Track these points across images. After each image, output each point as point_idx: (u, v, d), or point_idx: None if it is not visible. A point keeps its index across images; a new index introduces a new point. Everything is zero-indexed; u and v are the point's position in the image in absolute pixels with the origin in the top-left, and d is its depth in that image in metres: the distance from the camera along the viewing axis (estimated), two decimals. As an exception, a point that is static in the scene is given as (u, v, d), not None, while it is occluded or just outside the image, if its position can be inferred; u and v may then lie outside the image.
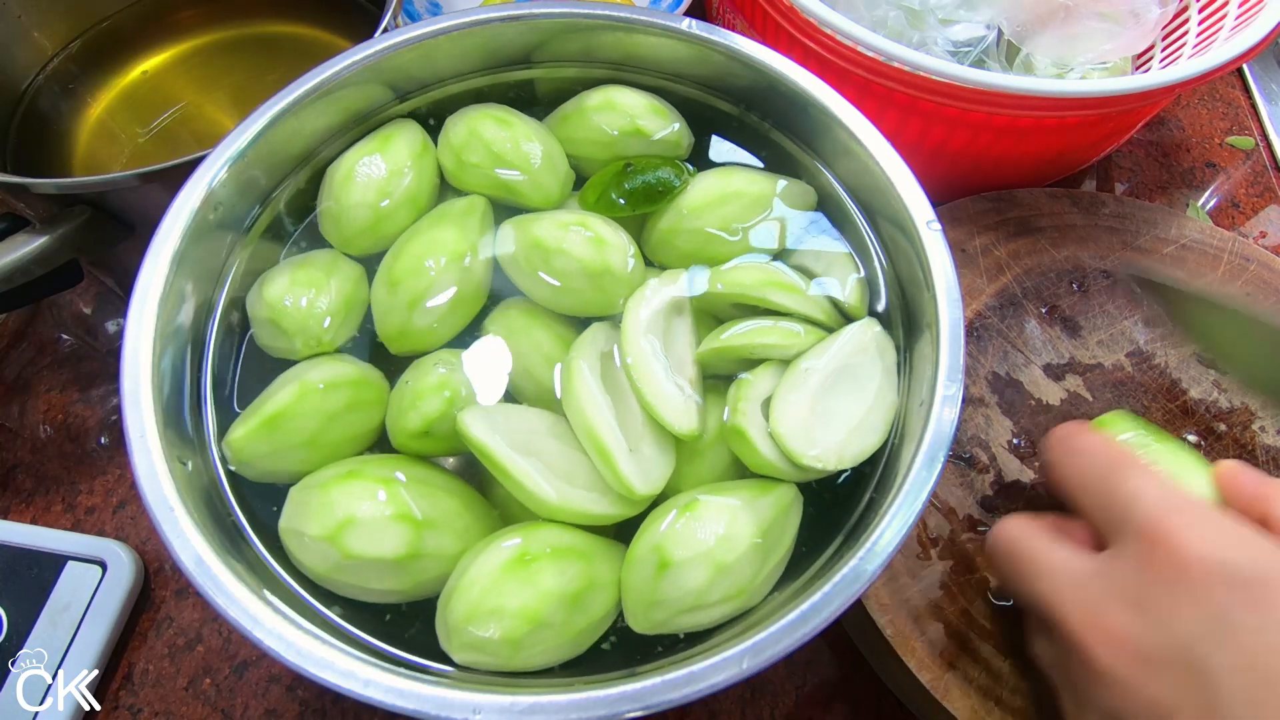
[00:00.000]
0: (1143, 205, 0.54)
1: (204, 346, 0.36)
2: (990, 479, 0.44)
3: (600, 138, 0.41)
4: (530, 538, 0.31)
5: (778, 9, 0.49)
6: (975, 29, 0.57)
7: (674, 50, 0.41)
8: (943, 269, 0.34)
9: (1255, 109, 0.71)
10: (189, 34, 0.60)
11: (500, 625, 0.29)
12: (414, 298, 0.36)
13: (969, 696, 0.37)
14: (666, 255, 0.40)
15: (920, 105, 0.49)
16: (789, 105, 0.40)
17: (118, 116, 0.56)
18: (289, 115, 0.37)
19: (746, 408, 0.33)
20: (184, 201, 0.34)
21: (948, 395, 0.31)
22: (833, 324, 0.37)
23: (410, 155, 0.40)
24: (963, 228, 0.52)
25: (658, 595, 0.30)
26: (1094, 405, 0.46)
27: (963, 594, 0.40)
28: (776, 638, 0.27)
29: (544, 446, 0.33)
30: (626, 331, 0.35)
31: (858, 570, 0.28)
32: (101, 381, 0.55)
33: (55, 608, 0.44)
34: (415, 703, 0.26)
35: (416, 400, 0.34)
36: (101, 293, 0.58)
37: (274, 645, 0.27)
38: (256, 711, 0.44)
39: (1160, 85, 0.46)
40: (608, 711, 0.26)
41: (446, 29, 0.40)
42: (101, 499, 0.50)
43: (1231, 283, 0.50)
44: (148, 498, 0.29)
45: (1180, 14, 0.59)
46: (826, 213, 0.41)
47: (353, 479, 0.32)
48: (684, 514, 0.31)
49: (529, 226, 0.38)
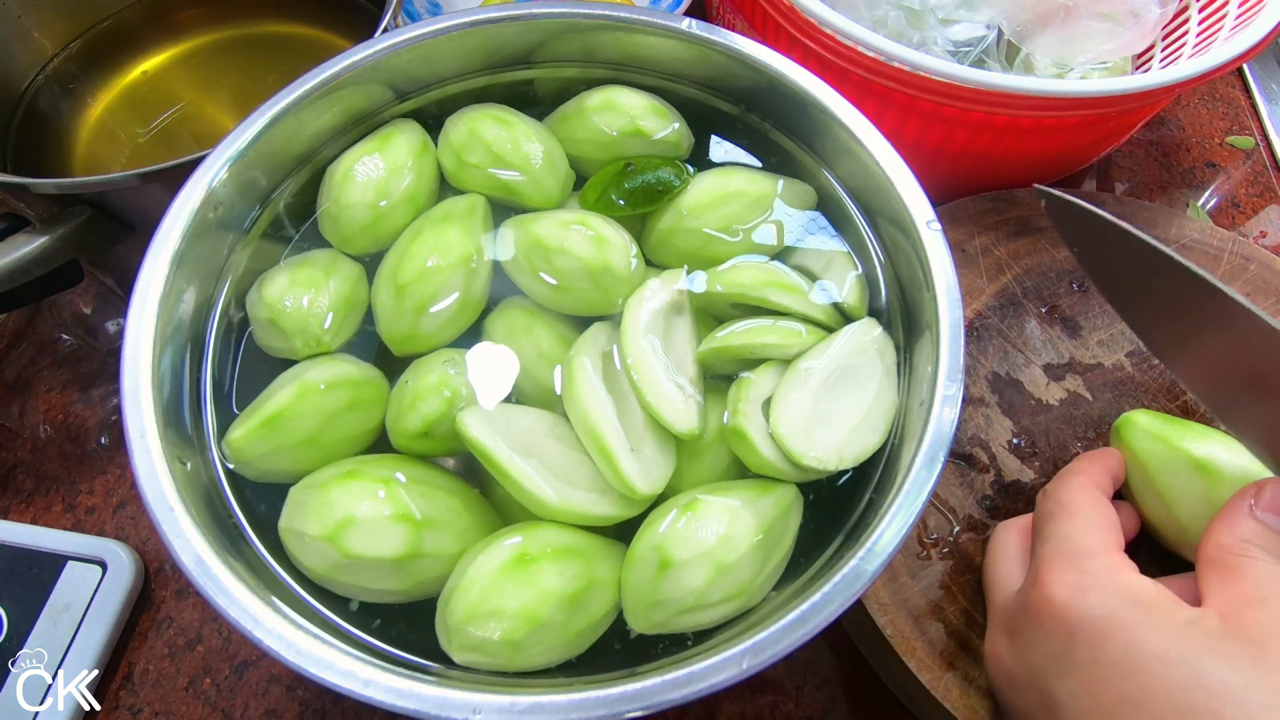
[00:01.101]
0: (1143, 205, 0.54)
1: (204, 346, 0.36)
2: (990, 479, 0.44)
3: (600, 138, 0.41)
4: (530, 537, 0.31)
5: (778, 9, 0.49)
6: (975, 29, 0.57)
7: (674, 50, 0.41)
8: (943, 269, 0.34)
9: (1255, 109, 0.71)
10: (189, 34, 0.60)
11: (500, 626, 0.29)
12: (421, 303, 0.36)
13: (969, 696, 0.37)
14: (666, 255, 0.40)
15: (920, 105, 0.49)
16: (789, 105, 0.40)
17: (118, 116, 0.56)
18: (289, 115, 0.37)
19: (747, 408, 0.33)
20: (184, 201, 0.34)
21: (948, 395, 0.31)
22: (833, 324, 0.37)
23: (410, 155, 0.40)
24: (963, 228, 0.52)
25: (658, 595, 0.30)
26: (1094, 405, 0.46)
27: (963, 594, 0.40)
28: (776, 638, 0.27)
29: (544, 447, 0.33)
30: (626, 331, 0.35)
31: (858, 570, 0.28)
32: (101, 381, 0.55)
33: (55, 608, 0.44)
34: (415, 703, 0.26)
35: (416, 401, 0.34)
36: (101, 293, 0.58)
37: (274, 645, 0.27)
38: (256, 711, 0.44)
39: (1160, 85, 0.46)
40: (608, 711, 0.26)
41: (446, 29, 0.40)
42: (101, 499, 0.50)
43: (1231, 282, 0.50)
44: (148, 498, 0.29)
45: (1180, 14, 0.59)
46: (826, 213, 0.41)
47: (352, 479, 0.32)
48: (685, 514, 0.31)
49: (530, 226, 0.38)
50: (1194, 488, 0.37)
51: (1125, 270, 0.37)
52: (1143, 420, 0.40)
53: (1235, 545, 0.32)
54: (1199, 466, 0.37)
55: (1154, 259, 0.34)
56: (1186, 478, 0.38)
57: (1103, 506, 0.36)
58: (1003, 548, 0.39)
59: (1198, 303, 0.34)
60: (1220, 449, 0.38)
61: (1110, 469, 0.39)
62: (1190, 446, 0.38)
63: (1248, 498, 0.33)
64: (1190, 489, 0.37)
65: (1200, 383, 0.38)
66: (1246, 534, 0.32)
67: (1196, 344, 0.36)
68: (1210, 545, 0.33)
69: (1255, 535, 0.32)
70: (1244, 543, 0.32)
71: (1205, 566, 0.32)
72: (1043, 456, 0.44)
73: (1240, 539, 0.32)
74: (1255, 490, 0.33)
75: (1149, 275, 0.35)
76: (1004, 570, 0.38)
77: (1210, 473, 0.37)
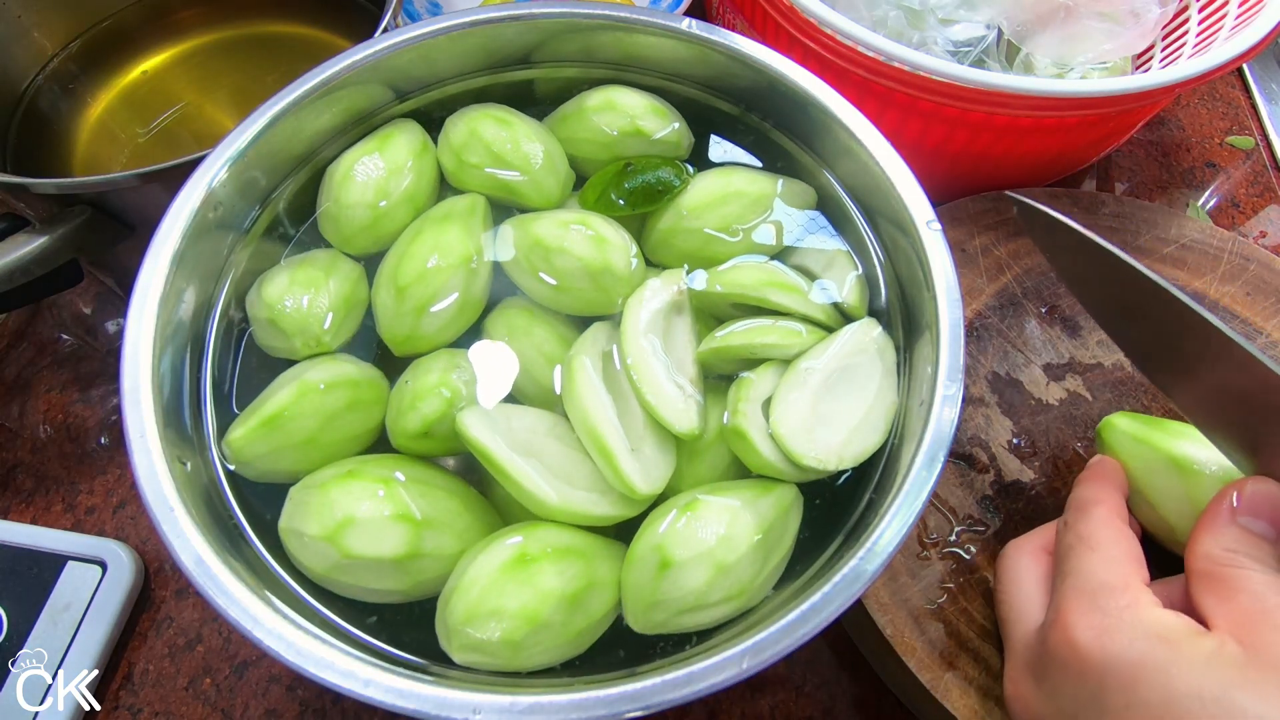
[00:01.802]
0: (1143, 205, 0.54)
1: (204, 346, 0.36)
2: (990, 479, 0.44)
3: (600, 138, 0.41)
4: (530, 537, 0.31)
5: (778, 9, 0.49)
6: (975, 29, 0.57)
7: (674, 50, 0.41)
8: (943, 269, 0.34)
9: (1255, 109, 0.71)
10: (189, 34, 0.60)
11: (500, 626, 0.29)
12: (421, 304, 0.36)
13: (969, 696, 0.37)
14: (666, 255, 0.40)
15: (920, 105, 0.49)
16: (789, 105, 0.40)
17: (118, 116, 0.56)
18: (289, 115, 0.37)
19: (747, 408, 0.33)
20: (184, 201, 0.34)
21: (948, 395, 0.31)
22: (833, 324, 0.37)
23: (410, 155, 0.40)
24: (963, 228, 0.52)
25: (658, 595, 0.30)
26: (1094, 405, 0.46)
27: (963, 594, 0.40)
28: (776, 638, 0.27)
29: (544, 447, 0.33)
30: (626, 331, 0.35)
31: (858, 570, 0.28)
32: (101, 381, 0.55)
33: (55, 608, 0.44)
34: (415, 703, 0.26)
35: (416, 401, 0.34)
36: (101, 293, 0.58)
37: (274, 645, 0.27)
38: (256, 711, 0.44)
39: (1160, 85, 0.46)
40: (608, 711, 0.26)
41: (446, 29, 0.40)
42: (101, 499, 0.50)
43: (1231, 282, 0.50)
44: (148, 498, 0.29)
45: (1180, 14, 0.59)
46: (826, 213, 0.41)
47: (352, 479, 0.32)
48: (685, 514, 0.31)
49: (529, 225, 0.38)
50: (1176, 487, 0.37)
51: (1093, 276, 0.37)
52: (1122, 423, 0.40)
53: (1222, 556, 0.32)
54: (1178, 465, 0.37)
55: (1116, 266, 0.34)
56: (1168, 478, 0.38)
57: (1124, 540, 0.34)
58: (1017, 576, 0.37)
59: (1161, 311, 0.34)
60: (1197, 447, 0.38)
61: (1122, 487, 0.38)
62: (1168, 446, 0.38)
63: (1227, 501, 0.33)
64: (1173, 489, 0.38)
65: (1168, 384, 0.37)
66: (1231, 542, 0.32)
67: (1162, 348, 0.36)
68: (1198, 557, 0.32)
69: (1240, 543, 0.32)
70: (1230, 552, 0.31)
71: (1196, 580, 0.32)
72: (1043, 456, 0.44)
73: (1225, 548, 0.32)
74: (1234, 492, 0.33)
75: (1115, 282, 0.35)
76: (1021, 601, 0.37)
77: (1189, 471, 0.37)
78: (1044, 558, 0.38)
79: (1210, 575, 0.32)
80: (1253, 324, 0.49)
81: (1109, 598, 0.32)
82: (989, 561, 0.41)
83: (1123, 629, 0.31)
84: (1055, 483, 0.44)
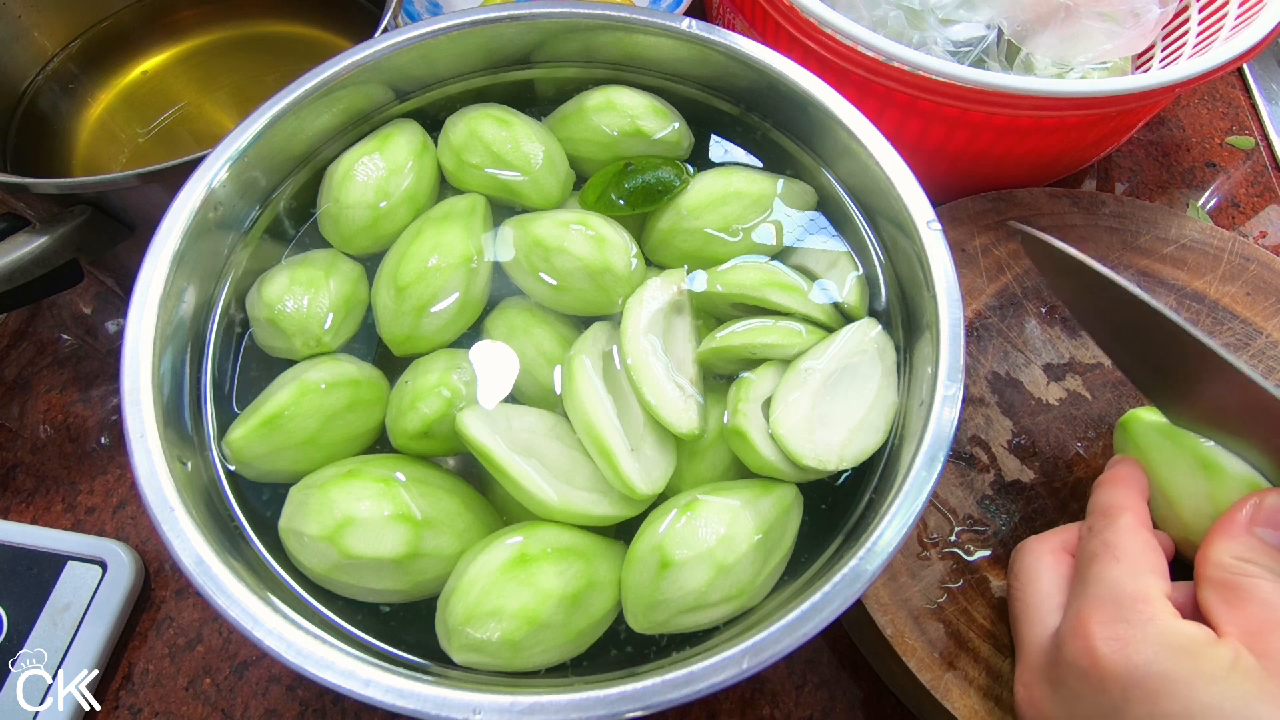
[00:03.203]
0: (1143, 205, 0.54)
1: (204, 346, 0.36)
2: (990, 479, 0.44)
3: (600, 138, 0.41)
4: (530, 537, 0.31)
5: (778, 9, 0.49)
6: (975, 29, 0.57)
7: (674, 50, 0.41)
8: (943, 269, 0.34)
9: (1255, 109, 0.71)
10: (189, 34, 0.60)
11: (500, 626, 0.29)
12: (421, 304, 0.36)
13: (969, 696, 0.37)
14: (666, 255, 0.40)
15: (920, 105, 0.49)
16: (789, 105, 0.40)
17: (118, 116, 0.56)
18: (289, 115, 0.37)
19: (747, 408, 0.33)
20: (184, 201, 0.34)
21: (948, 395, 0.31)
22: (833, 324, 0.37)
23: (410, 155, 0.40)
24: (963, 228, 0.52)
25: (658, 595, 0.30)
26: (1094, 405, 0.46)
27: (963, 594, 0.40)
28: (776, 638, 0.27)
29: (544, 447, 0.33)
30: (626, 331, 0.35)
31: (858, 570, 0.28)
32: (101, 381, 0.55)
33: (55, 608, 0.44)
34: (415, 703, 0.26)
35: (416, 401, 0.34)
36: (101, 293, 0.58)
37: (274, 645, 0.27)
38: (256, 711, 0.44)
39: (1160, 85, 0.46)
40: (608, 711, 0.26)
41: (446, 29, 0.40)
42: (101, 499, 0.50)
43: (1232, 282, 0.50)
44: (148, 498, 0.29)
45: (1180, 14, 0.59)
46: (826, 213, 0.41)
47: (352, 479, 0.32)
48: (685, 514, 0.31)
49: (530, 225, 0.38)
50: (1199, 487, 0.37)
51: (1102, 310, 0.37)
52: (1149, 417, 0.40)
53: (1234, 565, 0.32)
54: (1205, 465, 0.37)
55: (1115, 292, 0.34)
56: (1191, 477, 0.38)
57: (1149, 552, 0.34)
58: (1035, 574, 0.37)
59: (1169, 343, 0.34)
60: (1224, 449, 0.38)
61: (1144, 492, 0.38)
62: (1195, 444, 0.38)
63: (1244, 510, 0.33)
64: (1195, 488, 0.37)
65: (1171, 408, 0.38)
66: (1244, 551, 0.32)
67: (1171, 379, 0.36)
68: (1210, 564, 0.32)
69: (1253, 552, 0.32)
70: (1242, 561, 0.31)
71: (1207, 586, 0.32)
72: (1043, 456, 0.44)
73: (1238, 557, 0.32)
74: (1253, 502, 0.33)
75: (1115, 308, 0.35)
76: (1037, 601, 0.36)
77: (1215, 471, 0.37)
78: (1064, 558, 0.37)
79: (1221, 583, 0.32)
80: (1253, 324, 0.49)
81: (1132, 609, 0.32)
82: (989, 561, 0.41)
83: (1147, 642, 0.30)
84: (1055, 483, 0.44)
